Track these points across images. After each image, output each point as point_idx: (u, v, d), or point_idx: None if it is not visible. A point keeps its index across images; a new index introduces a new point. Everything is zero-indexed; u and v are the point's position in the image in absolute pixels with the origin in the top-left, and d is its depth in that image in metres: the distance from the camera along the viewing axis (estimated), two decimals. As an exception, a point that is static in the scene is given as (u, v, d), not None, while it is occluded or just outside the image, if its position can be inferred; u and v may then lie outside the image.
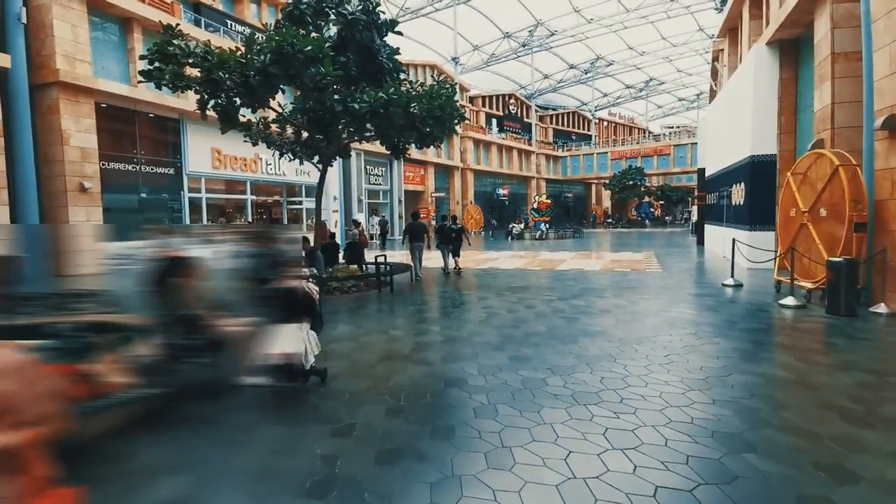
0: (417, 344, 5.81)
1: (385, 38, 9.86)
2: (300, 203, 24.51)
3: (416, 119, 8.78)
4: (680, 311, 7.48)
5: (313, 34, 7.50)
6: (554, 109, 58.55)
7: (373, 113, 8.08)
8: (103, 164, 15.10)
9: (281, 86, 8.99)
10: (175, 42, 8.75)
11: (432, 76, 40.64)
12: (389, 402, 4.04)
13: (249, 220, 21.27)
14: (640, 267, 13.52)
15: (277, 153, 12.46)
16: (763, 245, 11.66)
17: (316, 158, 11.48)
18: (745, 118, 13.37)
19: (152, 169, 16.84)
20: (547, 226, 30.19)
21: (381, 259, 11.20)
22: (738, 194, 14.22)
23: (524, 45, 46.55)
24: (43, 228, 13.28)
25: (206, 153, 18.66)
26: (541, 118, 55.70)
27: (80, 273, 12.70)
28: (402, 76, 10.84)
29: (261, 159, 21.26)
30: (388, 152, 11.81)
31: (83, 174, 14.25)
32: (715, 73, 22.43)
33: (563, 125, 57.48)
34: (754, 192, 12.84)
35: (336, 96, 8.12)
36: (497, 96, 48.98)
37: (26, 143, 13.39)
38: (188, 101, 12.30)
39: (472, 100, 46.44)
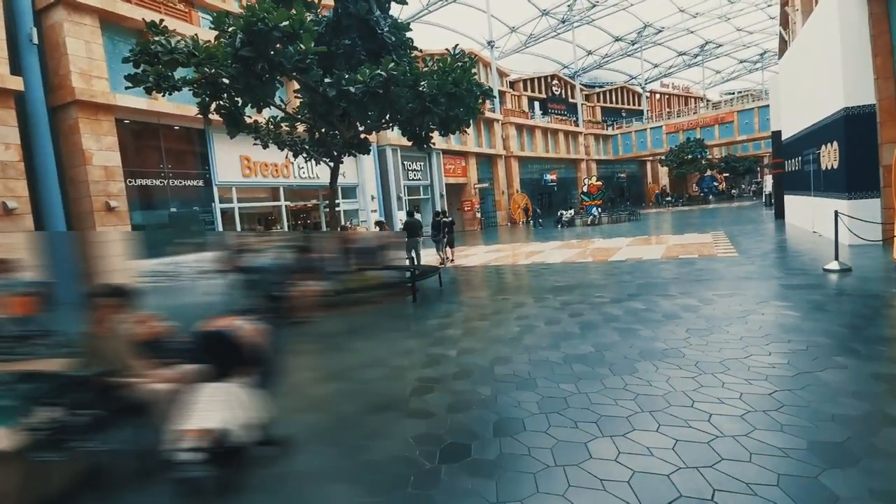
0: (421, 381, 4.50)
1: (389, 11, 8.56)
2: (338, 205, 23.79)
3: (427, 99, 7.43)
4: (775, 312, 5.74)
5: (294, 10, 6.32)
6: (601, 87, 55.35)
7: (372, 95, 6.81)
8: (130, 181, 14.79)
9: (276, 78, 7.96)
10: (156, 39, 7.87)
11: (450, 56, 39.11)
12: (358, 491, 2.76)
13: (285, 227, 20.73)
14: (710, 251, 11.54)
15: (291, 154, 11.55)
16: (867, 216, 9.49)
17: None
18: (832, 65, 11.07)
19: (181, 182, 16.47)
20: (599, 210, 28.01)
21: (405, 264, 10.00)
22: (828, 156, 11.88)
23: (564, 22, 43.96)
24: (69, 245, 13.11)
25: (235, 161, 18.17)
26: (587, 97, 52.74)
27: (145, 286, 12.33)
28: (416, 54, 9.55)
29: (292, 163, 20.63)
30: (411, 143, 10.60)
31: (108, 193, 13.95)
32: (786, 21, 19.57)
33: (611, 102, 54.20)
34: (851, 152, 10.56)
35: (328, 79, 6.93)
36: (539, 78, 46.67)
37: (49, 165, 13.19)
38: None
39: (512, 84, 44.47)
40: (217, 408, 2.89)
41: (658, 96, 58.17)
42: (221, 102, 9.46)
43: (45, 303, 4.10)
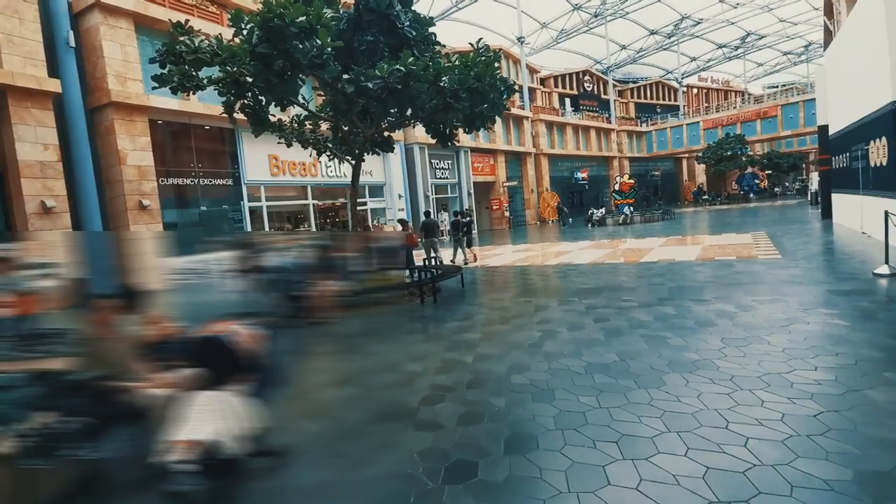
0: (433, 389, 4.28)
1: (411, 6, 8.37)
2: (364, 204, 23.84)
3: (448, 94, 7.21)
4: (821, 320, 5.28)
5: (312, 5, 6.18)
6: (634, 82, 53.92)
7: (391, 91, 6.63)
8: (162, 181, 15.12)
9: (298, 76, 7.88)
10: (181, 39, 7.92)
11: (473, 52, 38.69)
12: (352, 512, 2.58)
13: (313, 225, 20.87)
14: (750, 252, 10.92)
15: (315, 152, 11.53)
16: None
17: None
18: (879, 56, 10.30)
19: (210, 181, 16.76)
20: (631, 209, 27.21)
21: (427, 263, 9.81)
22: (877, 153, 11.07)
23: (596, 16, 42.99)
24: (104, 241, 13.48)
25: (264, 160, 18.39)
26: (620, 93, 51.49)
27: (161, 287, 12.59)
28: (439, 49, 9.34)
29: (320, 162, 20.75)
30: (434, 140, 10.41)
31: (141, 192, 14.28)
32: (830, 10, 18.48)
33: (645, 98, 52.72)
34: (904, 147, 9.80)
35: (346, 76, 6.79)
36: (570, 75, 45.80)
37: (86, 165, 13.59)
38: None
39: (542, 81, 43.79)
40: (209, 418, 2.75)
41: (695, 91, 56.26)
42: (246, 101, 9.49)
43: (79, 298, 4.04)
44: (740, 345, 4.67)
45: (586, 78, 46.93)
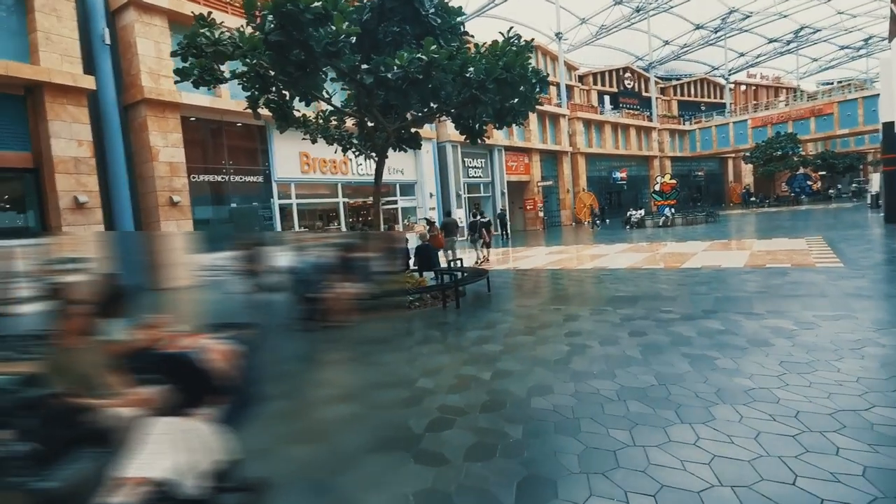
0: (442, 411, 3.80)
1: (438, -7, 7.90)
2: (395, 203, 23.60)
3: (475, 85, 6.71)
4: (898, 343, 4.52)
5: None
6: (678, 79, 51.92)
7: (412, 82, 6.18)
8: (193, 177, 15.21)
9: (321, 68, 7.54)
10: (202, 31, 7.71)
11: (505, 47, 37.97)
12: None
13: (343, 223, 20.73)
14: (806, 260, 9.95)
15: (341, 149, 11.23)
16: None
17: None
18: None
19: (241, 178, 16.79)
20: (672, 210, 25.96)
21: (450, 267, 9.35)
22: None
23: (639, 10, 41.57)
24: (136, 239, 13.61)
25: (294, 157, 18.33)
26: (662, 90, 49.68)
27: (175, 286, 12.55)
28: (468, 40, 8.86)
29: (350, 160, 20.57)
30: (464, 137, 9.94)
31: (172, 188, 14.37)
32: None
33: (689, 95, 50.71)
34: None
35: (365, 66, 6.38)
36: (610, 72, 44.44)
37: (119, 162, 13.76)
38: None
39: (581, 78, 42.66)
40: (168, 450, 2.36)
41: (743, 88, 53.69)
42: (270, 96, 9.26)
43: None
44: (804, 371, 3.99)
45: (627, 75, 45.45)
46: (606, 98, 43.15)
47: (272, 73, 7.93)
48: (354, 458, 3.17)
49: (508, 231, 28.14)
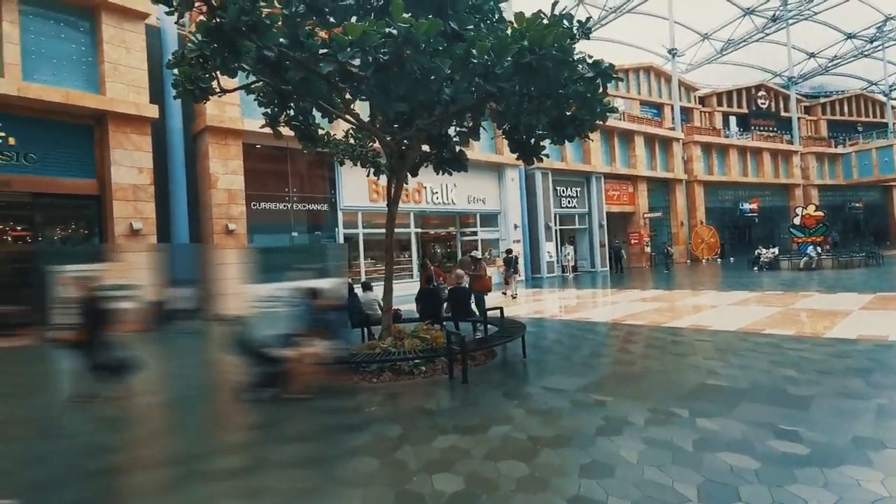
0: None
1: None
2: (475, 234, 21.79)
3: (479, 71, 4.72)
4: None
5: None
6: (826, 96, 44.49)
7: (379, 67, 4.36)
8: (253, 205, 14.82)
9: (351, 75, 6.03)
10: (189, 38, 6.71)
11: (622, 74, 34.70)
12: None
13: (415, 255, 19.34)
14: None
15: (373, 171, 9.77)
16: None
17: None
18: None
19: (305, 206, 16.17)
20: (819, 249, 20.91)
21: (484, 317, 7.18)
22: None
23: (775, 20, 36.24)
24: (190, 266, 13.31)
25: (363, 185, 17.38)
26: (807, 109, 42.80)
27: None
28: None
29: (425, 188, 19.33)
30: (516, 156, 7.95)
31: (229, 216, 14.01)
32: None
33: (841, 114, 43.09)
34: None
35: (324, 50, 4.71)
36: (738, 91, 39.21)
37: (180, 189, 13.69)
38: (338, 128, 10.38)
39: (702, 100, 38.04)
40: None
41: (913, 103, 44.34)
42: (288, 112, 8.10)
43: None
44: None
45: (761, 93, 39.72)
46: (732, 119, 37.90)
47: (290, 86, 6.63)
48: None
49: (622, 266, 24.92)
